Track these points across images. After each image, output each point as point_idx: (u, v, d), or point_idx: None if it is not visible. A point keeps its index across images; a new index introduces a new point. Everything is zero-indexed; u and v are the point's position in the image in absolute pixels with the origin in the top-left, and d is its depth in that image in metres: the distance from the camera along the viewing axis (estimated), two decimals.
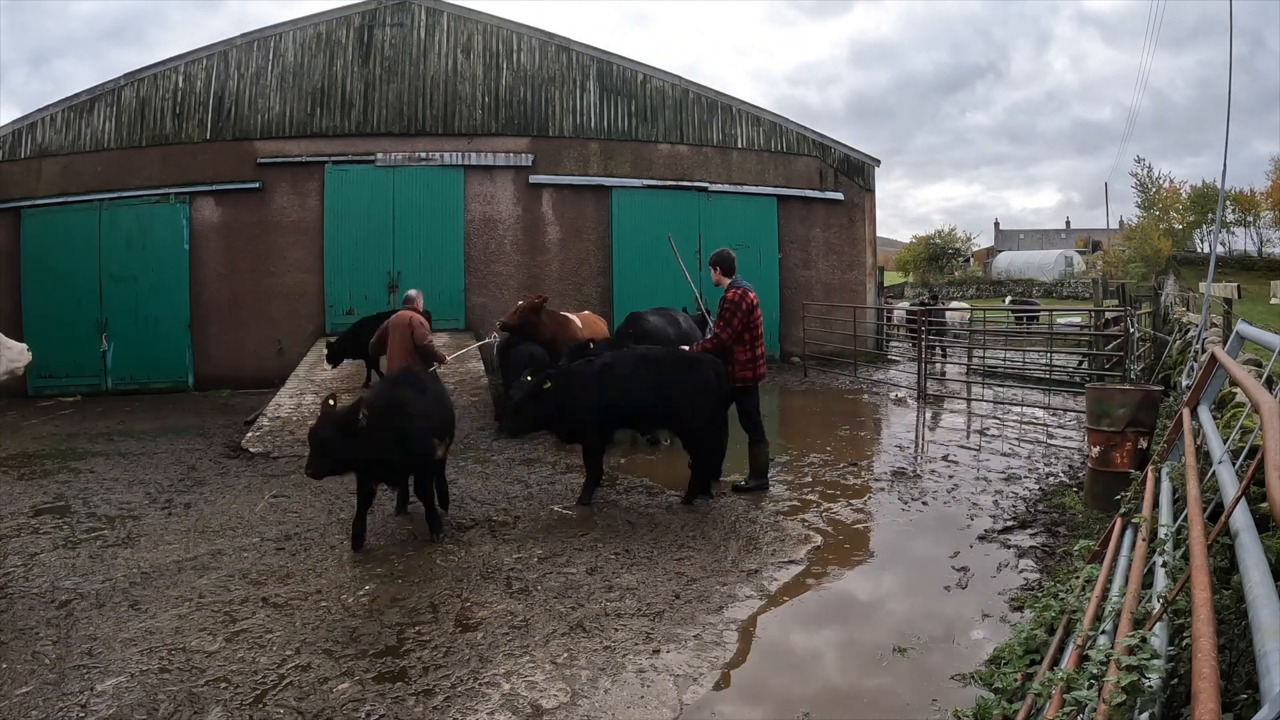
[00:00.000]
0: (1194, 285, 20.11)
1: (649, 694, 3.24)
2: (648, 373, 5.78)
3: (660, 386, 5.73)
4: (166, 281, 12.92)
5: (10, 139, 12.78)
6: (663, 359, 5.92)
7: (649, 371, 5.79)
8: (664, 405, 5.78)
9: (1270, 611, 1.54)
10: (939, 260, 44.25)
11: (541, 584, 4.41)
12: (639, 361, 5.89)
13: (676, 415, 5.82)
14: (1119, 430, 5.43)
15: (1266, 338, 3.67)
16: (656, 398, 5.75)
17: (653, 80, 14.58)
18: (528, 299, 9.05)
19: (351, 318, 13.22)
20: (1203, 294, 9.95)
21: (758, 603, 4.16)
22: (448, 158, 13.66)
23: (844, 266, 15.60)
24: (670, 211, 14.42)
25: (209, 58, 13.13)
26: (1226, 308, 8.20)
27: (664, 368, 5.82)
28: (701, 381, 5.77)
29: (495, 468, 7.26)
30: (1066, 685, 2.15)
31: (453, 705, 3.17)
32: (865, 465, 7.22)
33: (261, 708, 3.14)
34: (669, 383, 5.74)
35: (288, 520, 5.71)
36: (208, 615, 4.05)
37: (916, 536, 5.25)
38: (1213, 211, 31.08)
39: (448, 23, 13.86)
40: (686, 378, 5.77)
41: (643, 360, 5.90)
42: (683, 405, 5.74)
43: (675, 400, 5.73)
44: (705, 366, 5.85)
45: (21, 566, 4.80)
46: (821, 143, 15.47)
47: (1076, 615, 2.97)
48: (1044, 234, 54.92)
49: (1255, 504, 2.41)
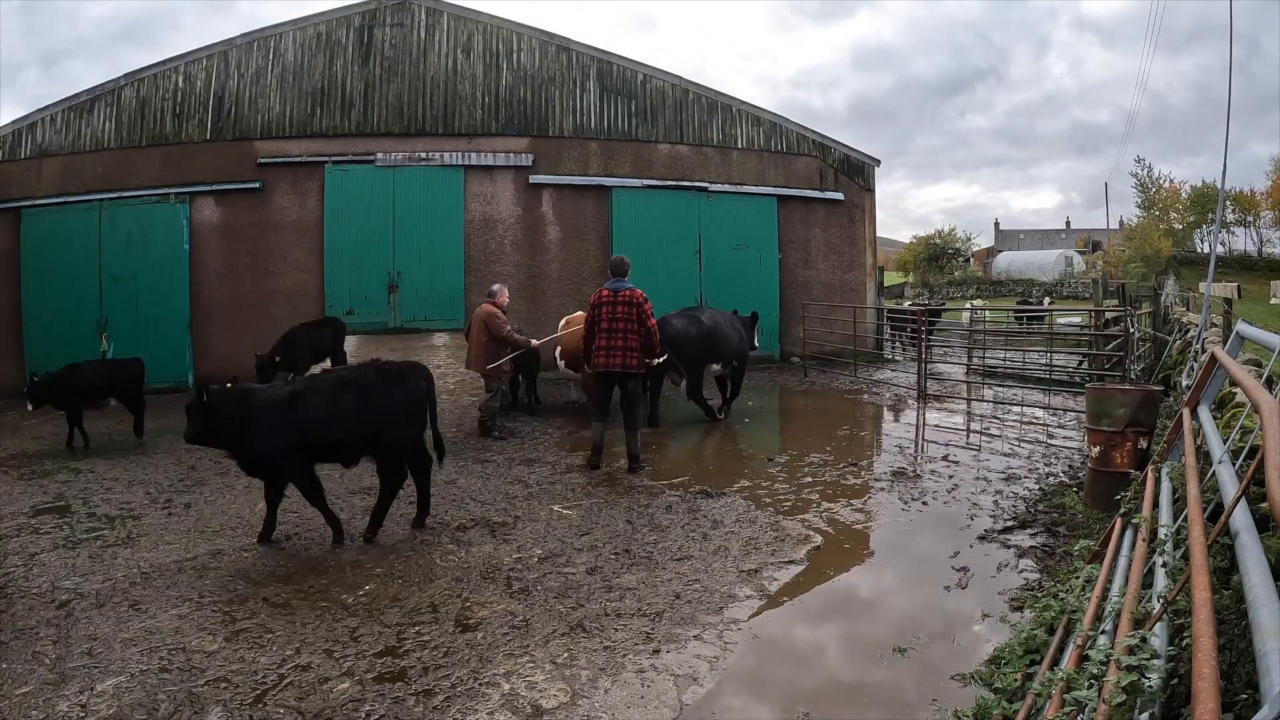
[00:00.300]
0: (1194, 285, 20.11)
1: (649, 694, 3.24)
2: (348, 397, 5.12)
3: (364, 408, 5.12)
4: (166, 281, 12.91)
5: (10, 139, 12.78)
6: (361, 378, 5.27)
7: (350, 395, 5.13)
8: (372, 428, 5.14)
9: (1270, 611, 1.54)
10: (939, 260, 44.27)
11: (541, 584, 4.41)
12: (337, 386, 5.20)
13: (386, 433, 5.20)
14: (1119, 430, 5.43)
15: (1266, 338, 3.67)
16: (362, 421, 5.12)
17: (653, 80, 14.58)
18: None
19: (352, 318, 13.25)
20: (1203, 294, 9.95)
21: (758, 603, 4.16)
22: (448, 158, 13.66)
23: (844, 266, 15.60)
24: (670, 211, 14.43)
25: (209, 58, 13.12)
26: (1226, 308, 8.20)
27: (366, 386, 5.20)
28: (414, 392, 5.31)
29: (495, 468, 7.26)
30: (1066, 685, 2.15)
31: (453, 705, 3.17)
32: (865, 465, 7.22)
33: (261, 708, 3.14)
34: (375, 402, 5.16)
35: (288, 520, 5.71)
36: (208, 615, 4.05)
37: (916, 536, 5.25)
38: (1213, 211, 31.08)
39: (448, 23, 13.86)
40: (394, 391, 5.24)
41: (341, 384, 5.22)
42: (393, 421, 5.18)
43: (386, 418, 5.17)
44: (413, 376, 5.38)
45: (21, 566, 4.81)
46: (821, 143, 15.46)
47: (1076, 615, 2.97)
48: (1044, 234, 54.92)
49: (1255, 504, 2.41)
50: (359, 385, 5.18)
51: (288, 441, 4.96)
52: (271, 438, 4.94)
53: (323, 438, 5.04)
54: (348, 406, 5.08)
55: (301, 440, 4.99)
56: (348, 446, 5.18)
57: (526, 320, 13.84)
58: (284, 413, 4.98)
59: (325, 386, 5.21)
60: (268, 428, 4.93)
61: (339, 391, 5.13)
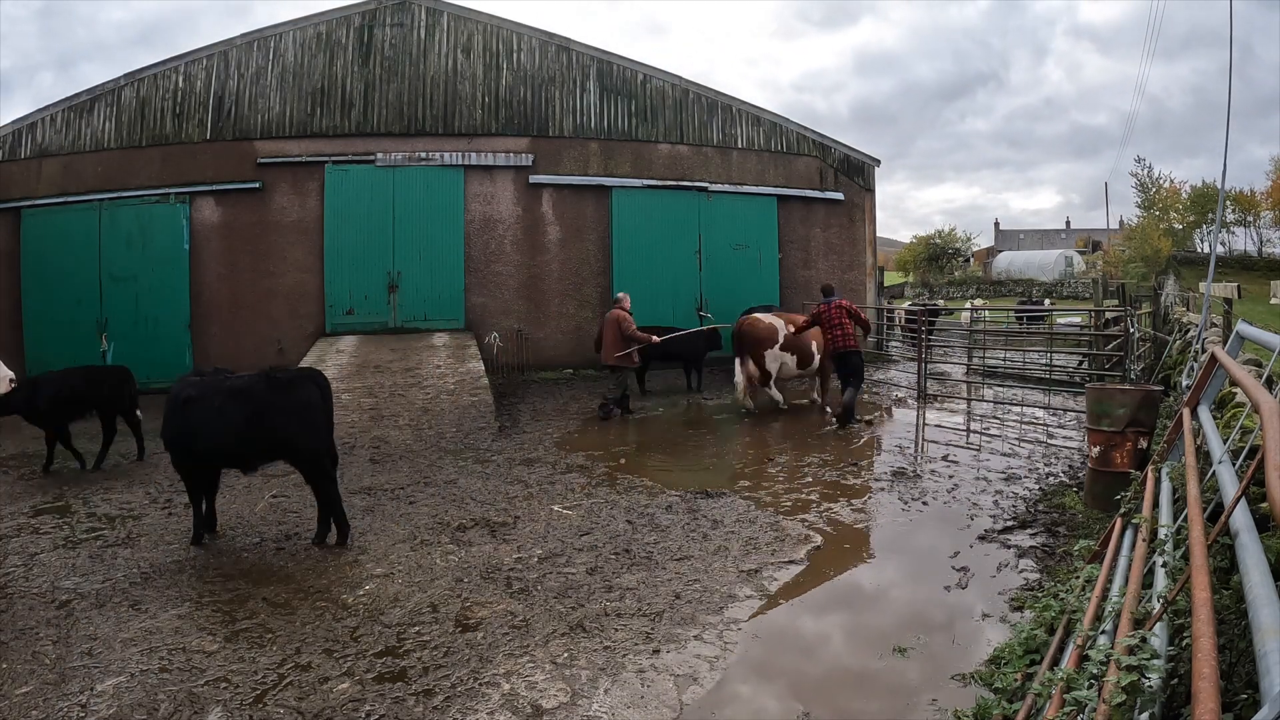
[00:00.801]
0: (1194, 285, 20.11)
1: (649, 694, 3.24)
2: (237, 406, 5.04)
3: (256, 418, 5.05)
4: (166, 281, 12.92)
5: (10, 139, 12.78)
6: (252, 386, 5.14)
7: (238, 404, 5.05)
8: (268, 437, 5.08)
9: (1270, 611, 1.54)
10: (939, 260, 44.27)
11: (541, 584, 4.41)
12: (227, 395, 5.10)
13: (290, 443, 5.13)
14: (1119, 430, 5.43)
15: (1266, 338, 3.66)
16: (254, 430, 5.06)
17: (653, 80, 14.58)
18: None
19: (352, 318, 13.25)
20: (1203, 294, 9.94)
21: (758, 602, 4.16)
22: (448, 158, 13.66)
23: (844, 266, 15.60)
24: (670, 211, 14.43)
25: (209, 58, 13.12)
26: (1226, 308, 8.19)
27: (256, 395, 5.10)
28: (306, 399, 5.17)
29: (495, 468, 7.26)
30: (1066, 685, 2.15)
31: (453, 705, 3.17)
32: (865, 465, 7.21)
33: (261, 708, 3.14)
34: (268, 410, 5.07)
35: (288, 520, 5.71)
36: (208, 615, 4.05)
37: (916, 536, 5.25)
38: (1213, 211, 31.09)
39: (448, 23, 13.86)
40: (287, 400, 5.12)
41: (231, 394, 5.11)
42: (295, 430, 5.10)
43: (282, 427, 5.08)
44: (305, 383, 5.26)
45: (21, 566, 4.81)
46: (821, 143, 15.46)
47: (1076, 615, 2.97)
48: (1044, 234, 54.90)
49: (1255, 504, 2.41)
50: (249, 394, 5.13)
51: (175, 441, 5.13)
52: (166, 434, 5.17)
53: (209, 444, 5.07)
54: (236, 415, 5.05)
55: (188, 443, 5.09)
56: (237, 454, 5.18)
57: (527, 320, 13.86)
58: (176, 414, 5.12)
59: (215, 394, 5.16)
60: (165, 425, 5.16)
61: (228, 400, 5.10)
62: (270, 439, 5.10)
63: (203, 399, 5.09)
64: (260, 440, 5.10)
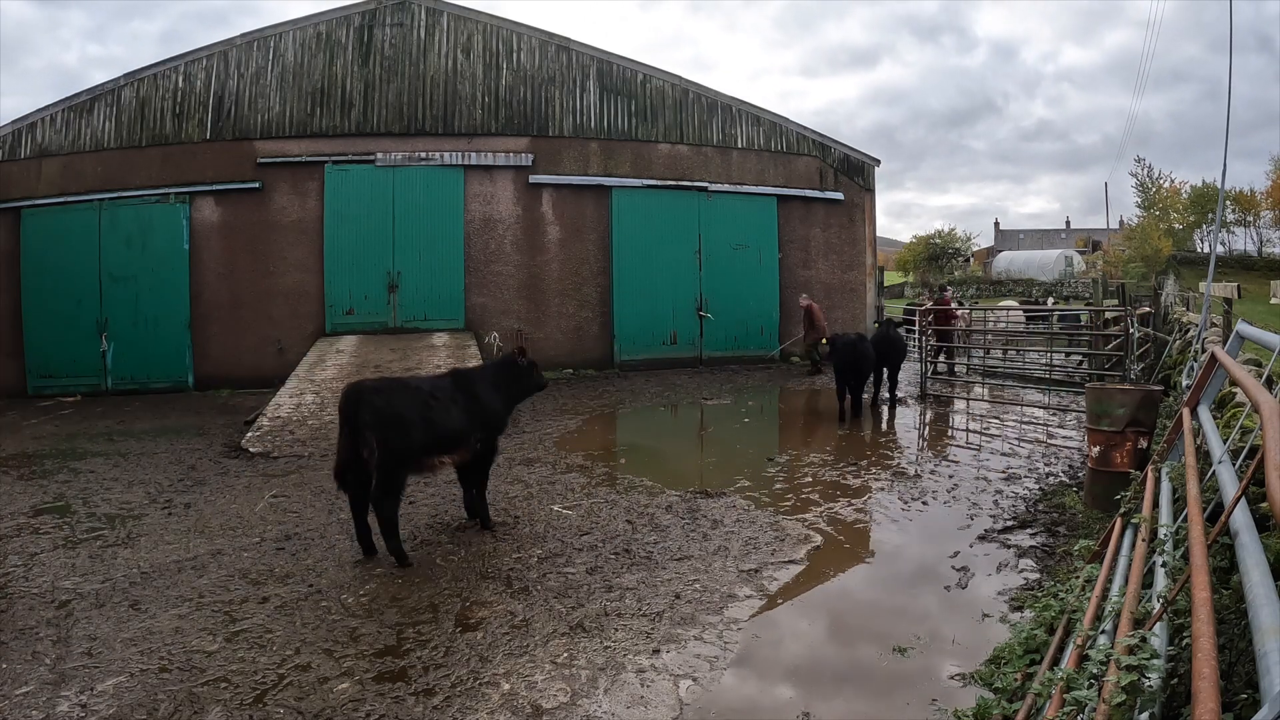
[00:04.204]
0: (1194, 285, 20.10)
1: (649, 694, 3.24)
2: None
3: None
4: (166, 281, 12.91)
5: (10, 139, 12.77)
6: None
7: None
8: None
9: (1270, 611, 1.54)
10: (939, 260, 44.27)
11: (541, 584, 4.41)
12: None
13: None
14: (1119, 430, 5.43)
15: (1266, 338, 3.66)
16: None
17: (653, 80, 14.57)
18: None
19: (351, 318, 13.25)
20: (1203, 294, 9.94)
21: (758, 602, 4.16)
22: (448, 158, 13.65)
23: (844, 266, 15.60)
24: (670, 211, 14.43)
25: (209, 57, 13.12)
26: (1226, 308, 8.19)
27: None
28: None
29: (495, 468, 7.24)
30: (1066, 685, 2.15)
31: (453, 705, 3.17)
32: (865, 465, 7.22)
33: (261, 708, 3.14)
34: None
35: (288, 520, 5.71)
36: (208, 615, 4.05)
37: (916, 536, 5.25)
38: (1213, 211, 31.08)
39: (448, 23, 13.85)
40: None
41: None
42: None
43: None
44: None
45: (21, 566, 4.80)
46: (821, 143, 15.46)
47: (1076, 615, 2.97)
48: (1044, 234, 54.88)
49: (1255, 504, 2.41)
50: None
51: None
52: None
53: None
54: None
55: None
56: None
57: (527, 320, 13.86)
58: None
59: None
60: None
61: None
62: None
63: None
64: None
